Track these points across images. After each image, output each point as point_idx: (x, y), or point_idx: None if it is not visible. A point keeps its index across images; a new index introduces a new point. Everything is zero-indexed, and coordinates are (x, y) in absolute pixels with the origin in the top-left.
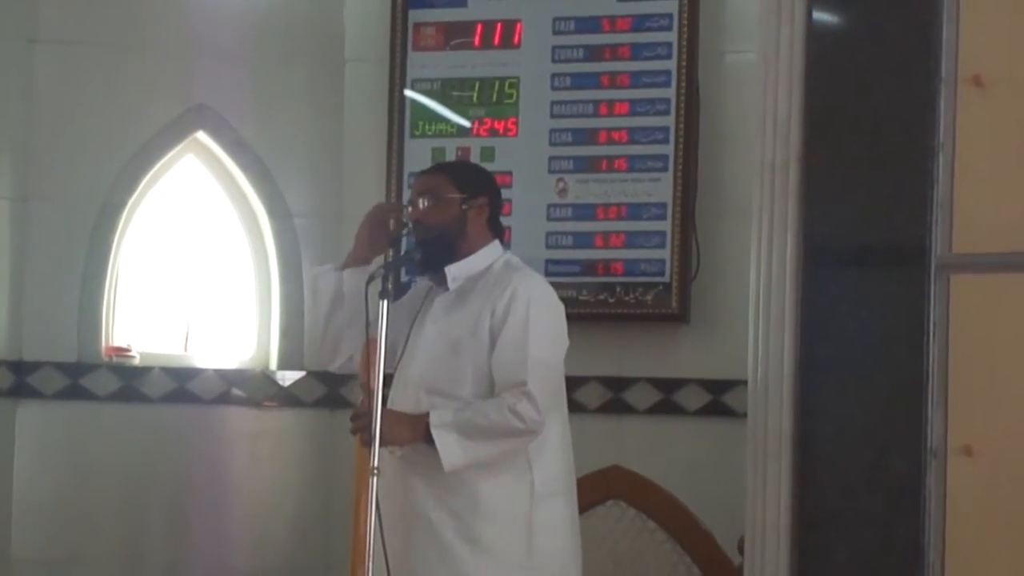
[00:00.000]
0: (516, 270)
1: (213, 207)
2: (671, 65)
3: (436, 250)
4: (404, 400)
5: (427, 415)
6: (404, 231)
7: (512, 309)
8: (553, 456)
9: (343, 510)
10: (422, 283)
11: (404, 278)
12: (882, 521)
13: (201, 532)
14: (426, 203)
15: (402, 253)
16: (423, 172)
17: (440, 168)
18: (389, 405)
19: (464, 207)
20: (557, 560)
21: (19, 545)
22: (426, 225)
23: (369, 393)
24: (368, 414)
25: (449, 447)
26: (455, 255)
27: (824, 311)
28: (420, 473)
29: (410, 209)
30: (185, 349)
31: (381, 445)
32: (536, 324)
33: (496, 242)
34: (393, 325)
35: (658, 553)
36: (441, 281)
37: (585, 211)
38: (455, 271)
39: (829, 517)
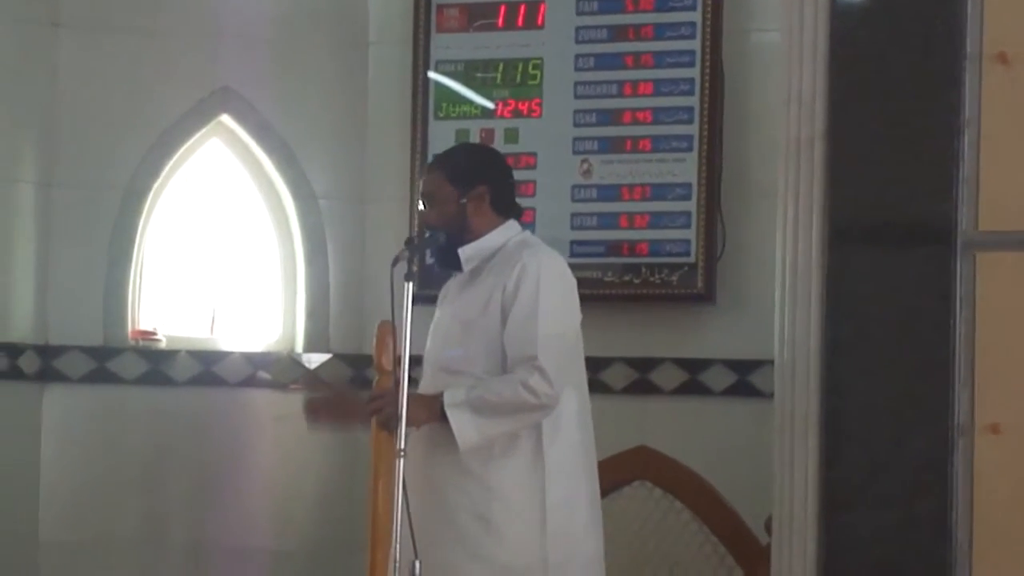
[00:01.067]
0: (527, 247)
1: (238, 190)
2: (695, 45)
3: (444, 250)
4: (428, 383)
5: (441, 395)
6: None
7: (522, 284)
8: (569, 434)
9: (365, 494)
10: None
11: (428, 260)
12: (909, 500)
13: (226, 514)
14: (428, 205)
15: (426, 236)
16: (426, 167)
17: (436, 164)
18: (420, 389)
19: (462, 201)
20: (572, 539)
21: (46, 528)
22: (432, 226)
23: (383, 375)
24: (383, 396)
25: (463, 426)
26: (455, 248)
27: (850, 289)
28: (439, 453)
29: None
30: (211, 332)
31: (396, 426)
32: (545, 298)
33: (511, 222)
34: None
35: (684, 533)
36: (457, 266)
37: (610, 192)
38: (468, 252)
39: (856, 496)
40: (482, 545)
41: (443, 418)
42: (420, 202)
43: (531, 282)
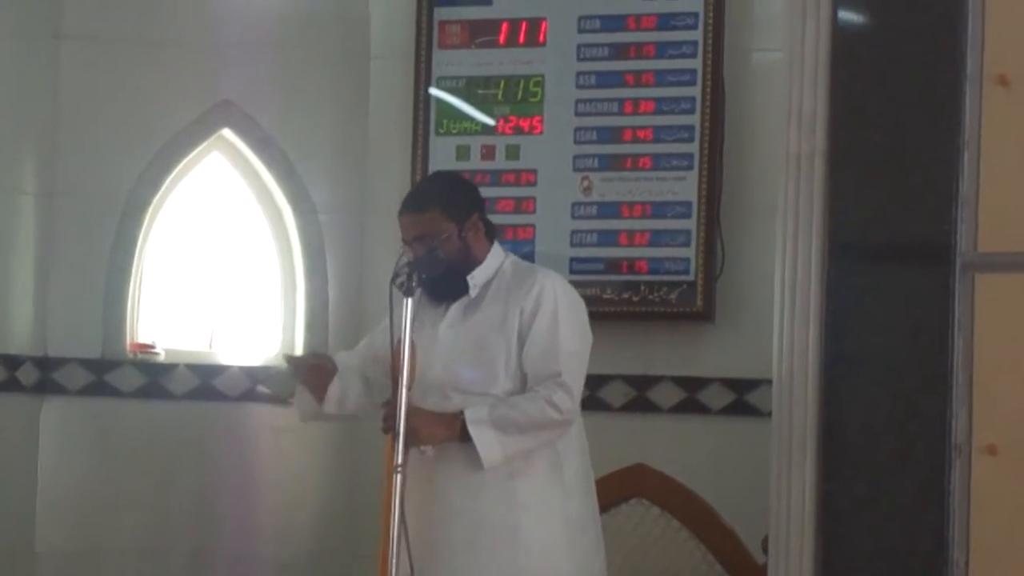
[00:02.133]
0: (535, 269)
1: (238, 203)
2: (696, 64)
3: (449, 283)
4: (428, 405)
5: (461, 413)
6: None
7: (541, 306)
8: (577, 454)
9: (367, 506)
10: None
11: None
12: (906, 518)
13: (225, 530)
14: (426, 246)
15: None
16: (408, 209)
17: (425, 202)
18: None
19: (462, 236)
20: (586, 555)
21: (43, 539)
22: (434, 266)
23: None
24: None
25: (487, 443)
26: (462, 275)
27: (849, 308)
28: (454, 469)
29: (403, 252)
30: (210, 346)
31: (415, 444)
32: (565, 318)
33: (496, 245)
34: (380, 336)
35: (682, 551)
36: (458, 295)
37: (610, 209)
38: (476, 278)
39: (853, 513)
40: (511, 556)
41: (463, 435)
42: (409, 243)
43: (550, 303)
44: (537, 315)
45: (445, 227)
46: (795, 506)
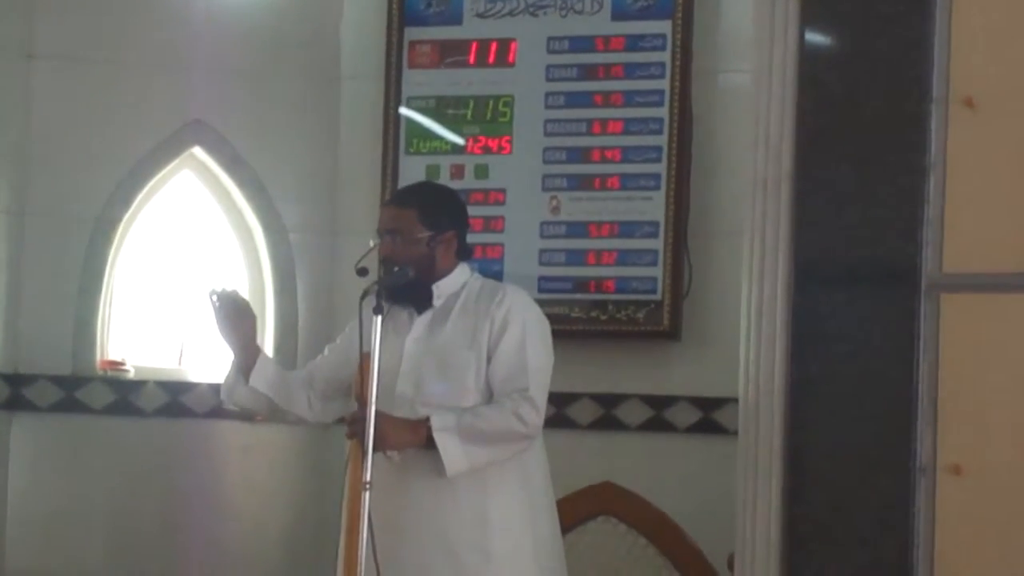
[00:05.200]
0: (502, 286)
1: (209, 222)
2: (664, 84)
3: (413, 289)
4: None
5: (428, 419)
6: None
7: (510, 321)
8: (542, 471)
9: (336, 523)
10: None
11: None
12: (871, 538)
13: (194, 545)
14: (395, 240)
15: (395, 270)
16: (392, 202)
17: (408, 200)
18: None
19: (431, 243)
20: (555, 573)
21: (13, 557)
22: (394, 261)
23: (364, 407)
24: (364, 419)
25: (451, 451)
26: (427, 284)
27: (815, 329)
28: (422, 483)
29: (375, 242)
30: (179, 363)
31: (380, 449)
32: (532, 335)
33: (464, 265)
34: (349, 350)
35: (648, 569)
36: (423, 306)
37: (578, 229)
38: (441, 289)
39: (819, 534)
40: (481, 574)
41: (429, 443)
42: (381, 233)
43: (518, 319)
44: (507, 330)
45: (416, 230)
46: (760, 525)
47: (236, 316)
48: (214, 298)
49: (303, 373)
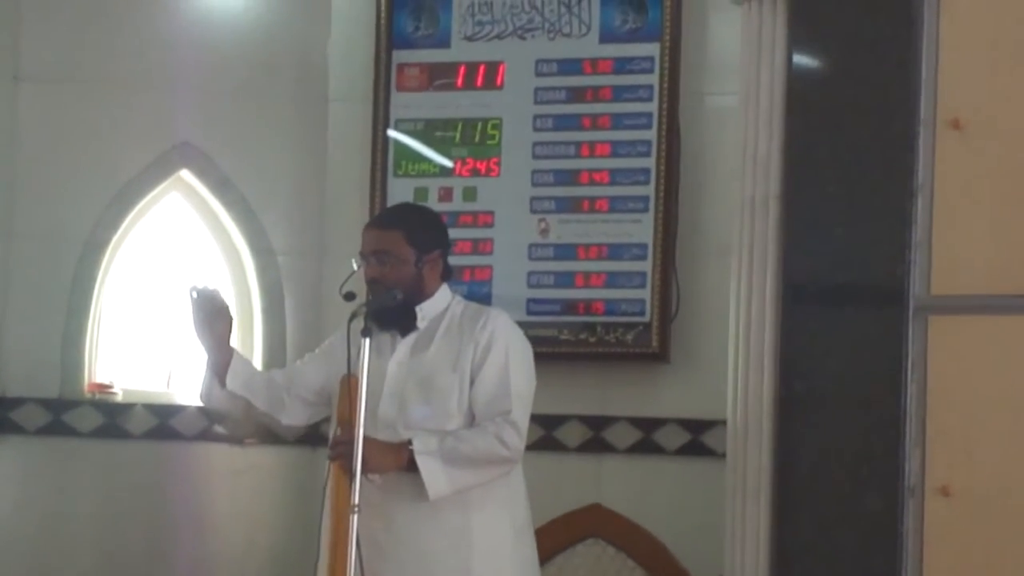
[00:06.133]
0: (485, 309)
1: (196, 245)
2: (652, 107)
3: (396, 309)
4: (383, 437)
5: (409, 442)
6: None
7: (494, 344)
8: (523, 496)
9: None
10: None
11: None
12: (859, 559)
13: (182, 568)
14: (381, 262)
15: (384, 293)
16: (375, 224)
17: (393, 222)
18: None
19: (418, 264)
20: None
21: None
22: (382, 283)
23: (345, 428)
24: (347, 442)
25: (433, 475)
26: (411, 307)
27: (803, 350)
28: (404, 504)
29: (359, 265)
30: (167, 386)
31: (362, 472)
32: (515, 358)
33: (445, 286)
34: (330, 361)
35: None
36: (407, 328)
37: (566, 251)
38: (425, 311)
39: (807, 554)
40: None
41: (411, 465)
42: (366, 256)
43: (502, 343)
44: (490, 353)
45: (404, 251)
46: (749, 546)
47: (213, 315)
48: (194, 294)
49: (279, 374)
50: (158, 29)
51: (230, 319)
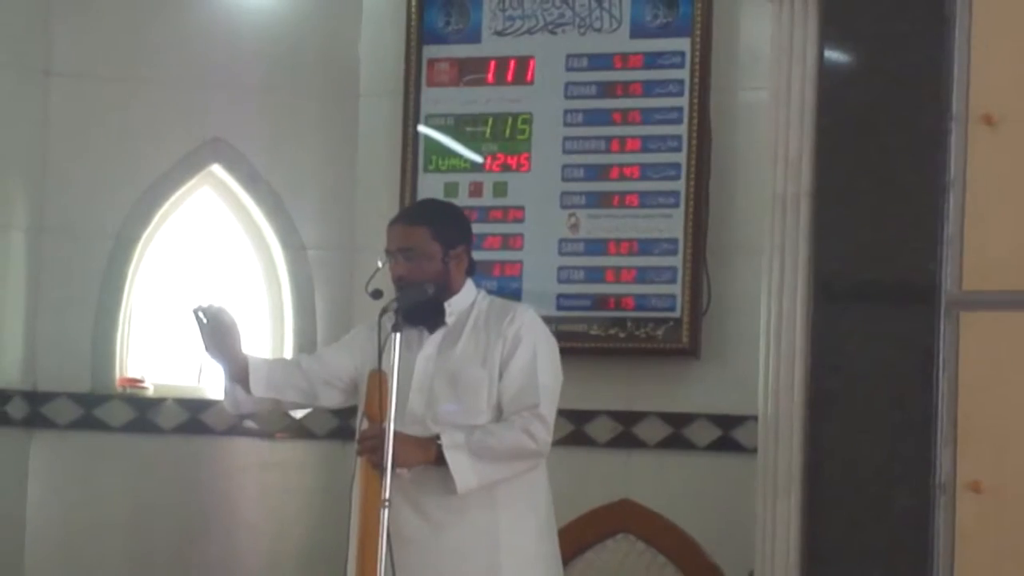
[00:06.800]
0: (511, 304)
1: (227, 240)
2: (683, 102)
3: (426, 307)
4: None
5: (437, 436)
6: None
7: (522, 339)
8: (546, 494)
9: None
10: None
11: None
12: (890, 556)
13: (212, 563)
14: (409, 259)
15: (414, 287)
16: (400, 221)
17: (419, 218)
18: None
19: (445, 259)
20: None
21: (32, 573)
22: (408, 280)
23: (374, 423)
24: (375, 436)
25: (462, 469)
26: (440, 302)
27: (834, 346)
28: (433, 499)
29: (383, 262)
30: (198, 381)
31: (392, 466)
32: (543, 353)
33: (470, 281)
34: (355, 350)
35: None
36: (435, 324)
37: (597, 246)
38: (453, 307)
39: (838, 551)
40: None
41: (439, 460)
42: (392, 253)
43: (530, 339)
44: (518, 348)
45: (431, 247)
46: (779, 543)
47: (223, 332)
48: (200, 315)
49: (307, 360)
50: (189, 25)
51: (239, 332)
